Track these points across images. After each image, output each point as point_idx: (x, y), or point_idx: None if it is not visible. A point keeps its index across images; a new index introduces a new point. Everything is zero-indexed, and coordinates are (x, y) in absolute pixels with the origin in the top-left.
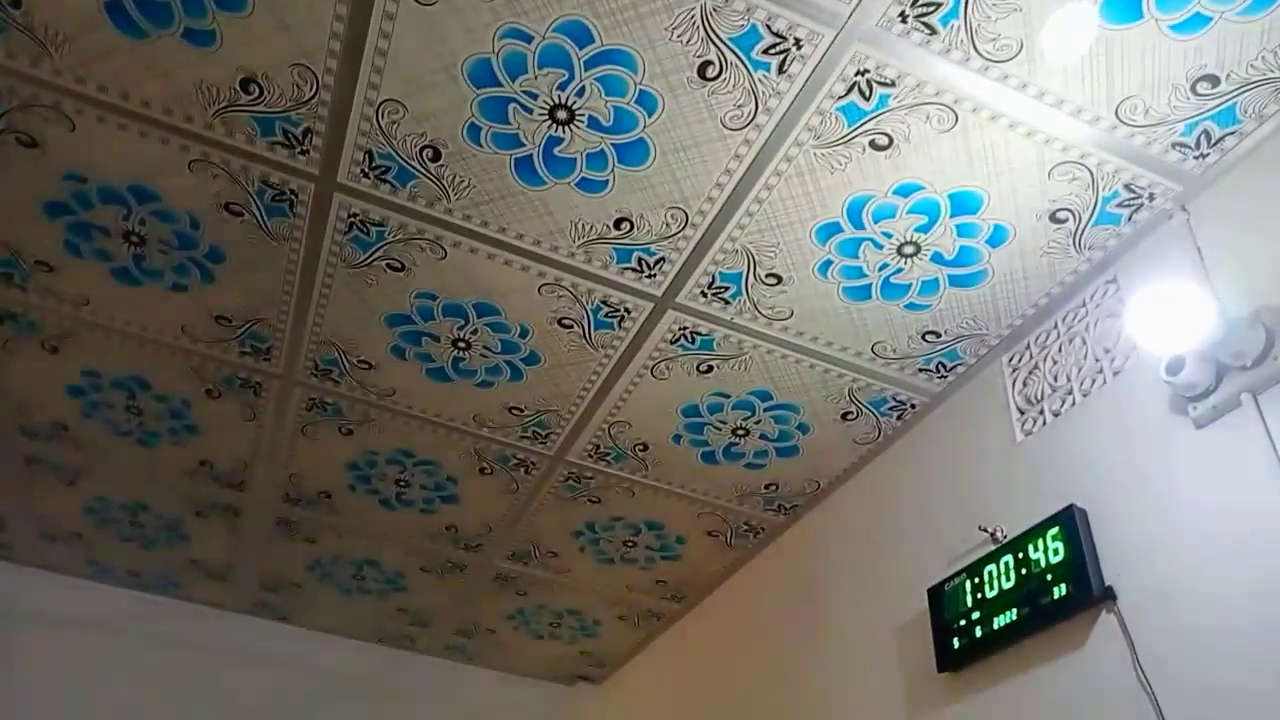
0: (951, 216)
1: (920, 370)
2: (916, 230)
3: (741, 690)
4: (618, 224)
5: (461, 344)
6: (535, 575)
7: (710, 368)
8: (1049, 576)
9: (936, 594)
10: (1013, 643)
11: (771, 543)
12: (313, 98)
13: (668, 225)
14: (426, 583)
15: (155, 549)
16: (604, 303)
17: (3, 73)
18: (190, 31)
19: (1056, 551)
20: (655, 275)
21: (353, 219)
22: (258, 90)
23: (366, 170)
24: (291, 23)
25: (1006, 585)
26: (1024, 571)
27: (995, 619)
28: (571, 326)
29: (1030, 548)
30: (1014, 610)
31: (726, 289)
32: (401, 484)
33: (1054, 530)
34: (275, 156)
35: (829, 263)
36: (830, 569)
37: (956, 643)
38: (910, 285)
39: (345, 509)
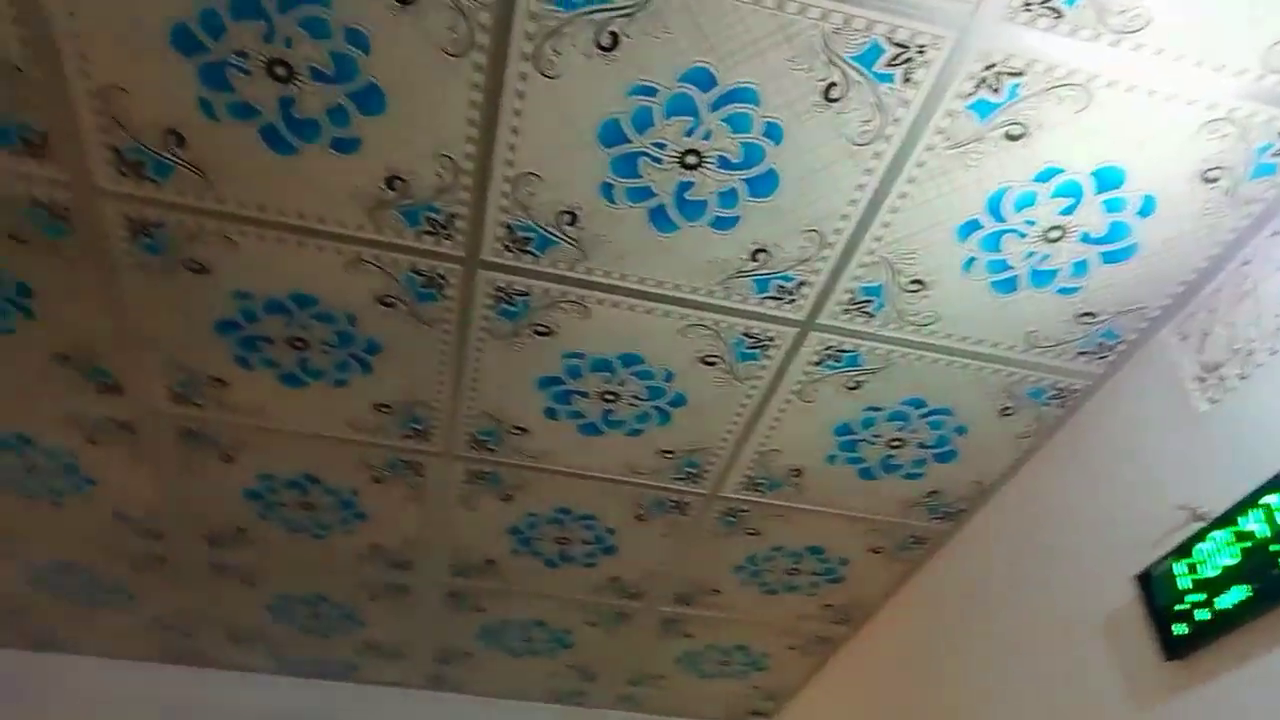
0: (1097, 194)
1: (1079, 354)
2: (1061, 213)
3: (930, 704)
4: (754, 255)
5: (610, 396)
6: (700, 615)
7: (859, 383)
8: (1276, 547)
9: (1146, 580)
10: (1244, 621)
11: (939, 551)
12: (454, 183)
13: (804, 249)
14: (594, 636)
15: (334, 637)
16: (746, 335)
17: (173, 209)
18: (337, 140)
19: None
20: (795, 300)
21: (498, 292)
22: (403, 185)
23: (508, 244)
24: (429, 117)
25: (1228, 562)
26: (1246, 545)
27: (1219, 599)
28: (715, 363)
29: (1245, 520)
30: (1242, 587)
31: (869, 302)
32: (562, 541)
33: (1272, 498)
34: (423, 245)
35: (972, 260)
36: (1008, 569)
37: (1180, 628)
38: (1059, 270)
39: (510, 573)
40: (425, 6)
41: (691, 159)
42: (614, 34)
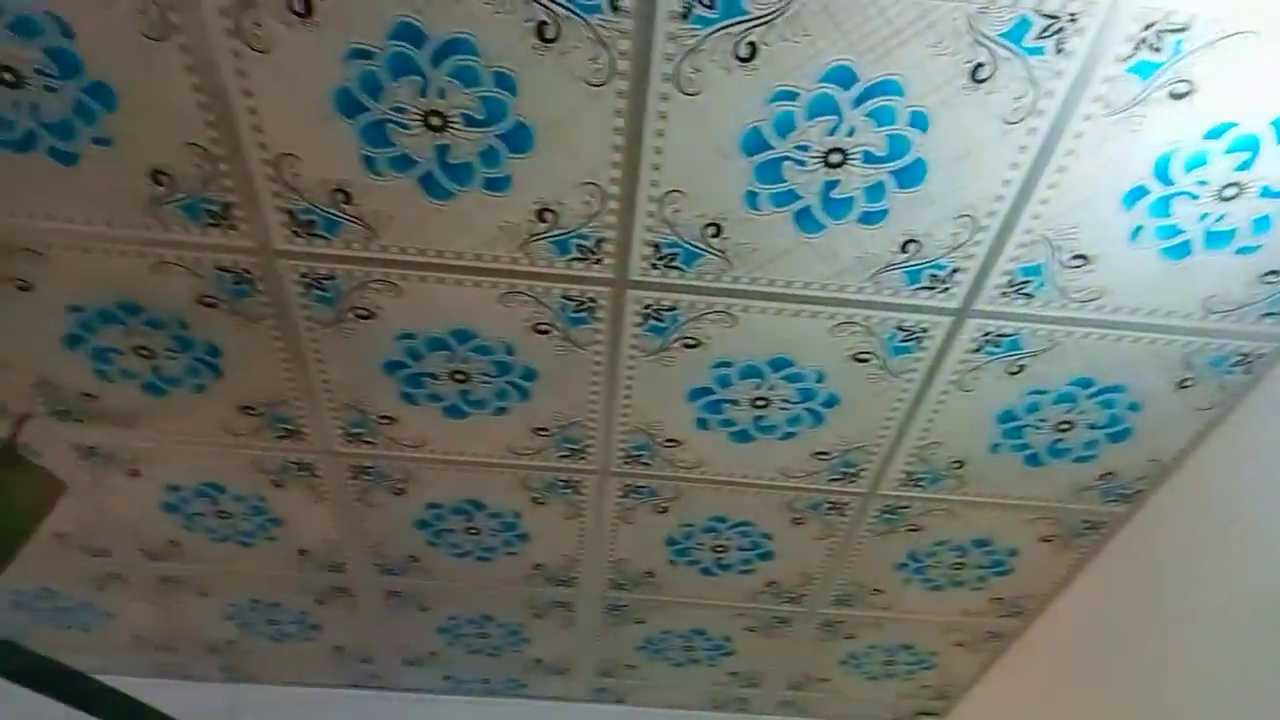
0: (1278, 143)
1: (1264, 315)
2: (1237, 169)
3: (1114, 699)
4: (904, 247)
5: (760, 402)
6: (862, 616)
7: (1021, 367)
8: None
9: None
10: None
11: (1116, 535)
12: (601, 209)
13: (957, 235)
14: (754, 642)
15: (501, 655)
16: (899, 328)
17: (342, 261)
18: (489, 180)
19: None
20: (950, 288)
21: (647, 310)
22: (552, 216)
23: (655, 262)
24: (575, 148)
25: None
26: None
27: None
28: (868, 360)
29: None
30: None
31: (1028, 283)
32: (719, 549)
33: None
34: (573, 272)
35: (1139, 228)
36: (1195, 550)
37: None
38: (1237, 229)
39: (668, 584)
40: (567, 42)
41: (835, 157)
42: (752, 44)
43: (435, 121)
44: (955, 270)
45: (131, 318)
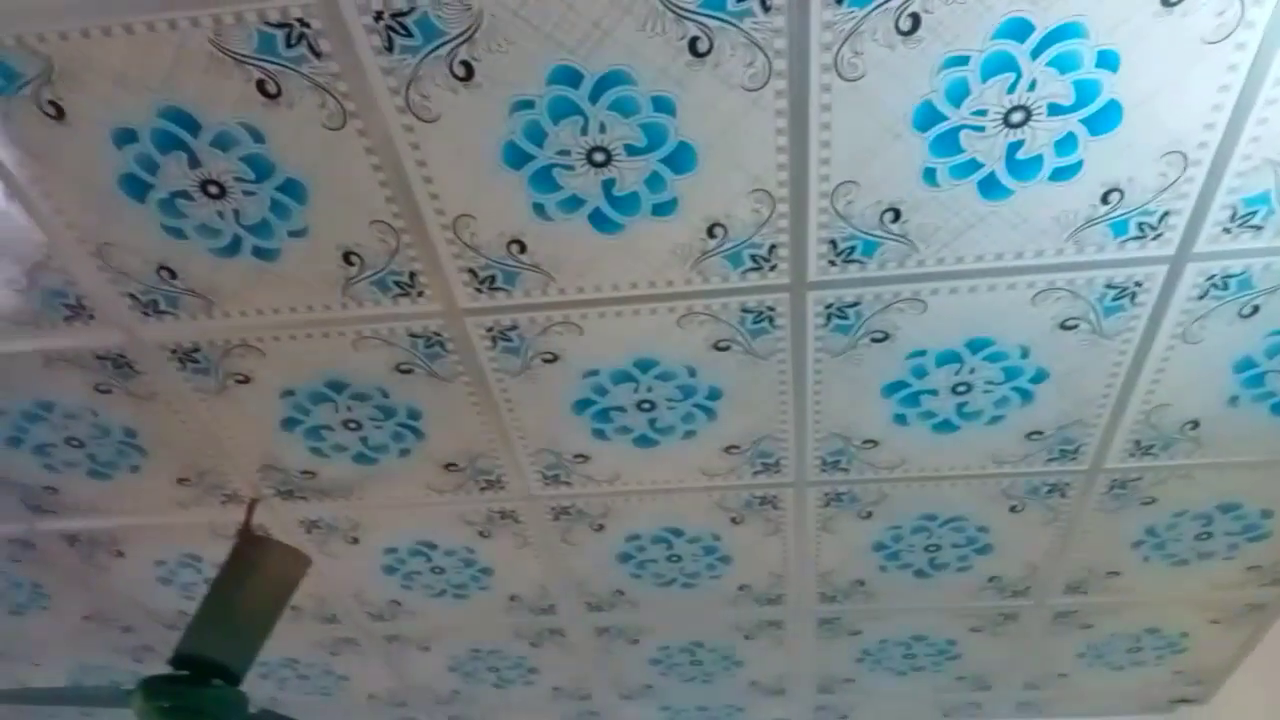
0: None
1: None
2: None
3: None
4: (1104, 198)
5: (962, 388)
6: (1098, 602)
7: (1255, 308)
8: None
9: None
10: None
11: None
12: (771, 214)
13: (1164, 175)
14: (980, 642)
15: (715, 681)
16: (1109, 286)
17: (523, 310)
18: (656, 206)
19: None
20: (1163, 233)
21: (829, 310)
22: (722, 231)
23: (833, 259)
24: (739, 157)
25: None
26: None
27: None
28: (1076, 325)
29: None
30: None
31: (1254, 213)
32: (931, 549)
33: None
34: (748, 283)
35: None
36: None
37: None
38: None
39: (881, 591)
40: (721, 53)
41: (1017, 116)
42: (914, 15)
43: (598, 157)
44: (1167, 213)
45: (338, 394)
